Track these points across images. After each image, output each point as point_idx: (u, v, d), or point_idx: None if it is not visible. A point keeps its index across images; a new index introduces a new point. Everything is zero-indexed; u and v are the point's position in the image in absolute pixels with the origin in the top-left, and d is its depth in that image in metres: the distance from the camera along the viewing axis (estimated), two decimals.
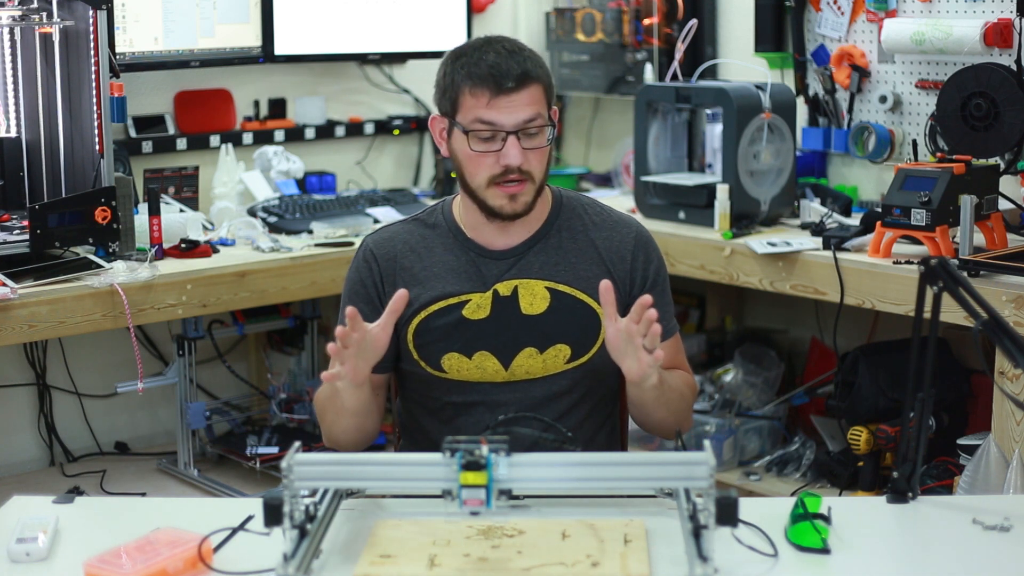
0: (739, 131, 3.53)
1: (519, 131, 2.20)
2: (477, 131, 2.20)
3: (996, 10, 3.39)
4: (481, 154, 2.22)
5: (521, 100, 2.19)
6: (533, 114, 2.20)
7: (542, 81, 2.23)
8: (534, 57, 2.25)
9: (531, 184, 2.24)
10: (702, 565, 1.67)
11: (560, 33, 4.56)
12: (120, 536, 1.83)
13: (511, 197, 2.23)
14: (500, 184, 2.22)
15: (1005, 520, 1.90)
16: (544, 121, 2.23)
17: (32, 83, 3.37)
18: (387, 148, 4.53)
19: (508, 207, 2.24)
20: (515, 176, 2.22)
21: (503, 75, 2.18)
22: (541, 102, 2.23)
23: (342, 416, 2.24)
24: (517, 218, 2.27)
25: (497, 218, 2.27)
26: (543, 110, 2.23)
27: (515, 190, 2.23)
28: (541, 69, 2.24)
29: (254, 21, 4.00)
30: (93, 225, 3.16)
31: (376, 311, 2.32)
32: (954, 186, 3.02)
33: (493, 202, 2.24)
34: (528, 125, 2.20)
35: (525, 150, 2.21)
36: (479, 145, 2.21)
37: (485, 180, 2.23)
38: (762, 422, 3.84)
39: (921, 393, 1.99)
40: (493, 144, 2.21)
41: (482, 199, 2.25)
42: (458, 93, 2.22)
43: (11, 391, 3.79)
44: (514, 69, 2.19)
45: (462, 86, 2.21)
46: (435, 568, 1.75)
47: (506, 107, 2.19)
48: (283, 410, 3.94)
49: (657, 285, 2.36)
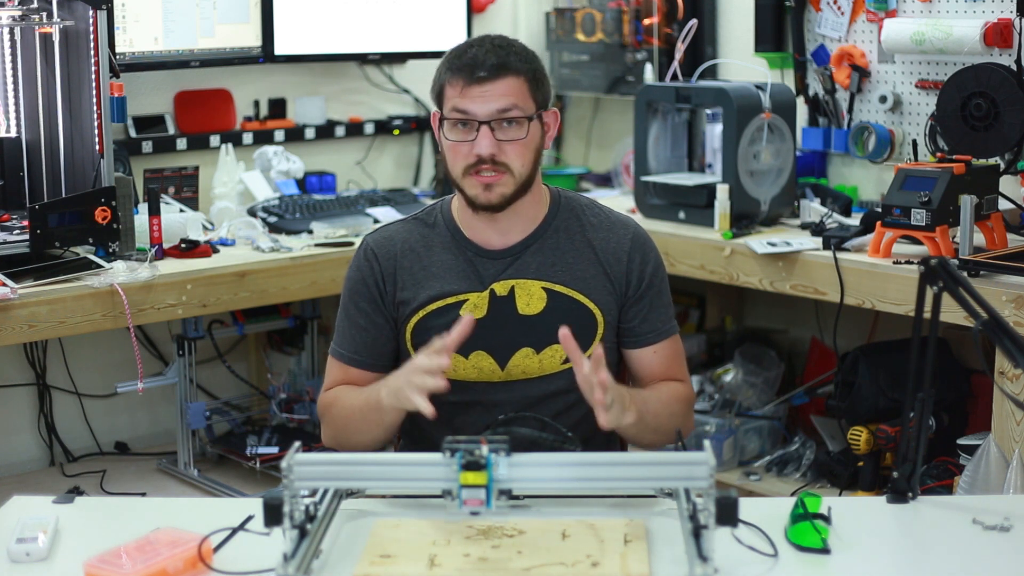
0: (739, 131, 3.53)
1: (491, 121, 2.21)
2: (452, 119, 2.23)
3: (996, 10, 3.39)
4: (456, 143, 2.24)
5: (495, 90, 2.21)
6: (507, 104, 2.21)
7: (522, 74, 2.23)
8: (522, 53, 2.26)
9: (509, 176, 2.24)
10: (702, 565, 1.67)
11: (560, 33, 4.56)
12: (120, 536, 1.83)
13: (485, 187, 2.24)
14: (474, 174, 2.23)
15: (1005, 520, 1.90)
16: (522, 113, 2.22)
17: (32, 83, 3.37)
18: (387, 148, 4.53)
19: (482, 196, 2.24)
20: (488, 167, 2.22)
21: (477, 65, 2.20)
22: (520, 95, 2.23)
23: (375, 429, 2.23)
24: (495, 210, 2.26)
25: (478, 209, 2.27)
26: (522, 103, 2.23)
27: (489, 180, 2.23)
28: (525, 64, 2.24)
29: (254, 21, 4.00)
30: (93, 225, 3.16)
31: (378, 310, 2.32)
32: (954, 186, 3.02)
33: (469, 191, 2.26)
34: (502, 115, 2.21)
35: (500, 141, 2.22)
36: (453, 134, 2.23)
37: (461, 169, 2.25)
38: (762, 422, 3.84)
39: (921, 393, 1.99)
40: (468, 133, 2.22)
41: (462, 189, 2.27)
42: (443, 85, 2.26)
43: (11, 391, 3.79)
44: (490, 60, 2.21)
45: (444, 77, 2.25)
46: (435, 568, 1.75)
47: (479, 96, 2.20)
48: (283, 410, 3.94)
49: (653, 286, 2.36)
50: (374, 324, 2.33)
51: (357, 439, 2.27)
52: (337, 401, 2.32)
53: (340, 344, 2.37)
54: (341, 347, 2.37)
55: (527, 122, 2.24)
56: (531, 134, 2.25)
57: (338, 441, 2.31)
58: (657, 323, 2.36)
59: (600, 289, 2.32)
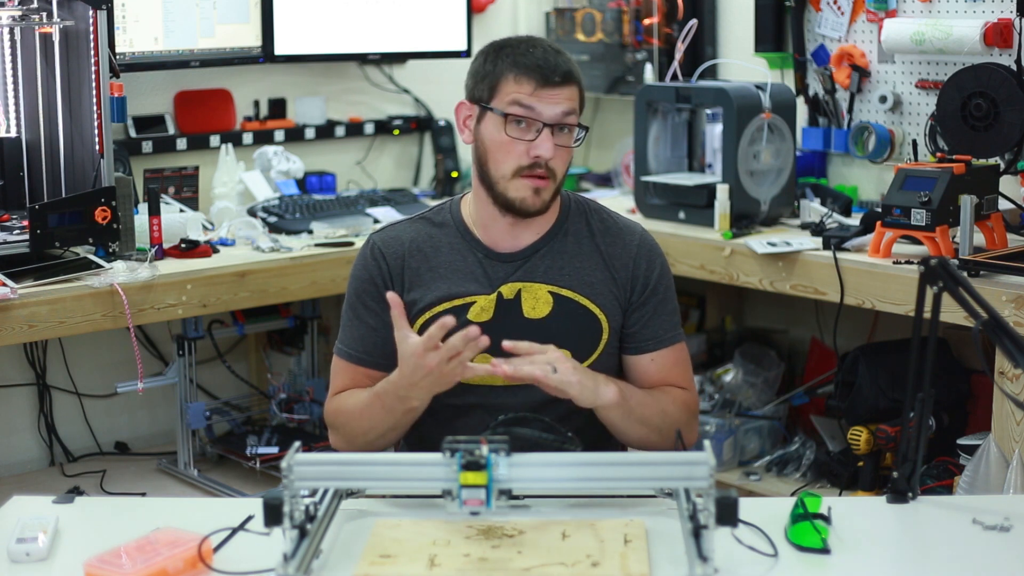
0: (739, 131, 3.53)
1: (555, 125, 2.22)
2: (514, 115, 2.22)
3: (996, 10, 3.39)
4: (513, 140, 2.23)
5: (563, 95, 2.23)
6: (570, 109, 2.24)
7: (580, 86, 2.27)
8: (573, 62, 2.29)
9: (552, 183, 2.26)
10: (702, 565, 1.67)
11: (560, 33, 4.56)
12: (120, 536, 1.83)
13: (535, 191, 2.24)
14: (526, 176, 2.23)
15: (1005, 520, 1.90)
16: (576, 121, 2.26)
17: (32, 83, 3.37)
18: (387, 148, 4.53)
19: (531, 200, 2.24)
20: (541, 171, 2.23)
21: (551, 69, 2.22)
22: (577, 103, 2.26)
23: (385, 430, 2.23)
24: (534, 215, 2.27)
25: (514, 213, 2.26)
26: (578, 111, 2.26)
27: (540, 184, 2.24)
28: (580, 75, 2.28)
29: (254, 21, 4.00)
30: (93, 225, 3.16)
31: (386, 309, 2.30)
32: (954, 186, 3.02)
33: (515, 194, 2.24)
34: (565, 119, 2.23)
35: (556, 146, 2.23)
36: (513, 131, 2.22)
37: (511, 170, 2.24)
38: (762, 422, 3.83)
39: (921, 393, 1.99)
40: (527, 133, 2.22)
41: (502, 191, 2.25)
42: (499, 79, 2.24)
43: (11, 391, 3.79)
44: (561, 66, 2.23)
45: (507, 73, 2.23)
46: (435, 568, 1.75)
47: (548, 98, 2.21)
48: (283, 410, 3.94)
49: (658, 293, 2.35)
50: (384, 324, 2.30)
51: (368, 437, 2.25)
52: (345, 405, 2.31)
53: (348, 344, 2.35)
54: (349, 347, 2.35)
55: (576, 131, 2.27)
56: (576, 143, 2.28)
57: (351, 446, 2.29)
58: (659, 330, 2.34)
59: (606, 295, 2.32)
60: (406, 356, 2.10)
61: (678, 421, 2.28)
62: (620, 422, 2.24)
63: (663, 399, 2.30)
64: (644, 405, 2.25)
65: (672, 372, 2.36)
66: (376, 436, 2.25)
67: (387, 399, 2.19)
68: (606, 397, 2.18)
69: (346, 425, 2.29)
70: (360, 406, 2.26)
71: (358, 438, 2.27)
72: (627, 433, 2.27)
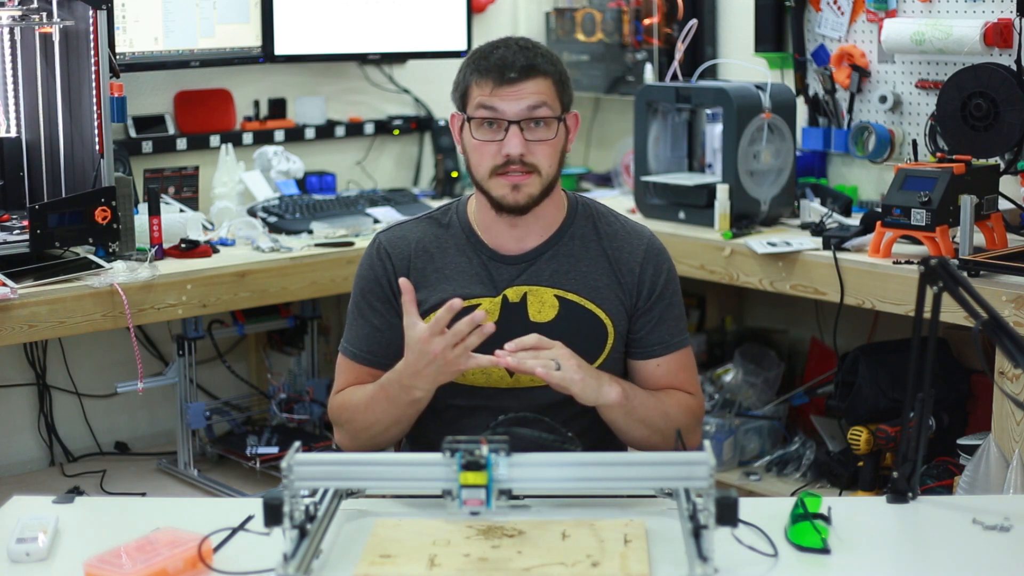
0: (739, 131, 3.53)
1: (521, 121, 2.21)
2: (479, 117, 2.22)
3: (996, 10, 3.39)
4: (483, 143, 2.23)
5: (525, 90, 2.21)
6: (537, 103, 2.21)
7: (550, 76, 2.24)
8: (547, 55, 2.26)
9: (537, 177, 2.24)
10: (702, 565, 1.67)
11: (560, 33, 4.56)
12: (120, 536, 1.83)
13: (514, 187, 2.23)
14: (502, 174, 2.23)
15: (1005, 520, 1.90)
16: (551, 113, 2.23)
17: (32, 83, 3.37)
18: (387, 148, 4.53)
19: (510, 197, 2.24)
20: (517, 167, 2.22)
21: (507, 66, 2.21)
22: (548, 95, 2.23)
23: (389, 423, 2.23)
24: (521, 212, 2.26)
25: (503, 211, 2.26)
26: (550, 103, 2.23)
27: (518, 180, 2.23)
28: (552, 65, 2.25)
29: (254, 21, 4.00)
30: (93, 225, 3.16)
31: (392, 309, 2.30)
32: (954, 186, 3.02)
33: (495, 192, 2.24)
34: (531, 115, 2.21)
35: (529, 142, 2.22)
36: (481, 133, 2.23)
37: (488, 170, 2.24)
38: (762, 422, 3.84)
39: (921, 393, 1.99)
40: (496, 133, 2.22)
41: (486, 190, 2.26)
42: (468, 86, 2.25)
43: (11, 391, 3.79)
44: (519, 61, 2.21)
45: (470, 78, 2.24)
46: (435, 568, 1.75)
47: (509, 96, 2.20)
48: (283, 410, 3.94)
49: (664, 298, 2.34)
50: (389, 324, 2.30)
51: (370, 433, 2.25)
52: (349, 400, 2.30)
53: (353, 343, 2.35)
54: (354, 346, 2.35)
55: (555, 123, 2.24)
56: (558, 135, 2.26)
57: (355, 441, 2.29)
58: (665, 335, 2.34)
59: (612, 299, 2.31)
60: (412, 342, 2.11)
61: (681, 424, 2.27)
62: (622, 422, 2.24)
63: (667, 401, 2.30)
64: (647, 406, 2.25)
65: (678, 377, 2.35)
66: (380, 430, 2.25)
67: (391, 389, 2.19)
68: (609, 396, 2.18)
69: (351, 420, 2.29)
70: (365, 400, 2.26)
71: (362, 433, 2.27)
72: (629, 433, 2.27)
